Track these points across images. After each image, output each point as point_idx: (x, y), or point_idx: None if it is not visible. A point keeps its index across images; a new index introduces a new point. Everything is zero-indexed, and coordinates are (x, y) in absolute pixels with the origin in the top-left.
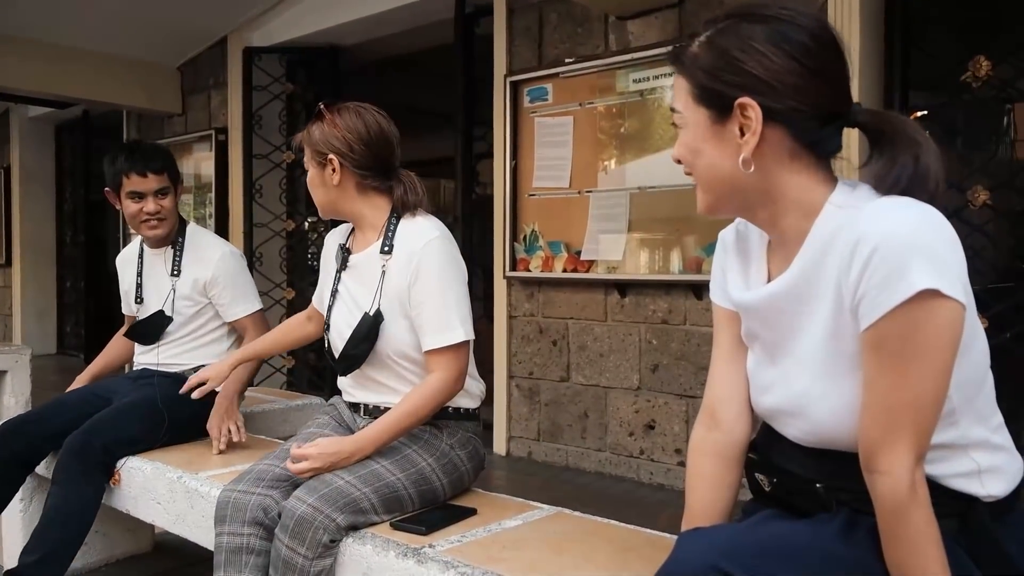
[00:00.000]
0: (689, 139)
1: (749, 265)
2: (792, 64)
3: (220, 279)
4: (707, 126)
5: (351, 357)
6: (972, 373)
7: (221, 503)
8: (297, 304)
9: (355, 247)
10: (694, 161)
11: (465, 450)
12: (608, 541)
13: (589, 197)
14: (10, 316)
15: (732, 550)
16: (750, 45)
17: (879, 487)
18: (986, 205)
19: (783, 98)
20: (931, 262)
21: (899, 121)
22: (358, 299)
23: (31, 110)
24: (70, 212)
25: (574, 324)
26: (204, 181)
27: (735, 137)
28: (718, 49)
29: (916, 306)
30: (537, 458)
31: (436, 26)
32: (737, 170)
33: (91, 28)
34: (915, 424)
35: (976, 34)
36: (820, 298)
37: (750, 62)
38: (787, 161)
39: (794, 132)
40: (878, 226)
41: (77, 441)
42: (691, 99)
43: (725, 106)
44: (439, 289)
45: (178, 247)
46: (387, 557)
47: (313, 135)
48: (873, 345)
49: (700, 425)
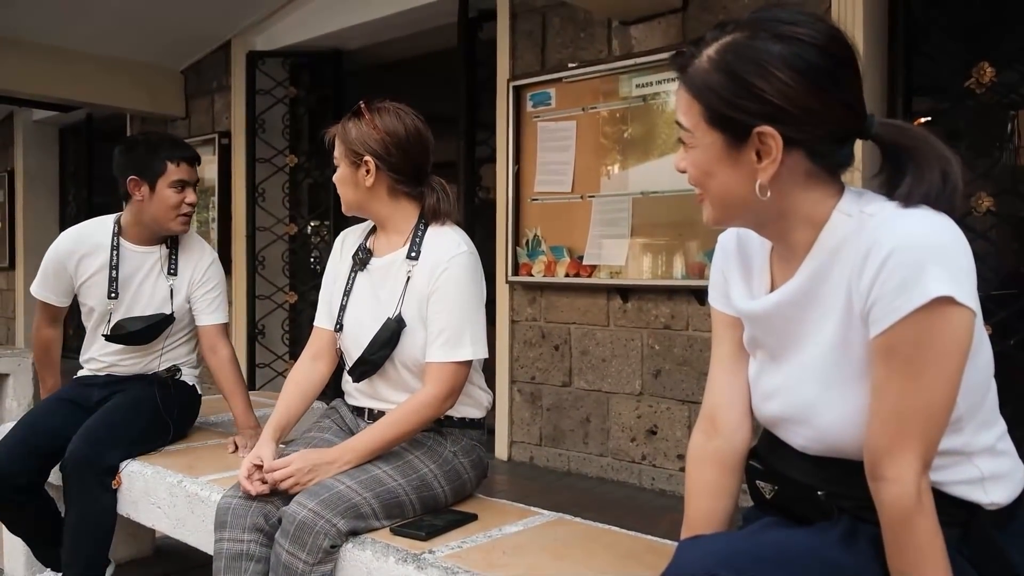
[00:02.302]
0: (701, 161)
1: (752, 273)
2: (812, 89)
3: (210, 282)
4: (722, 149)
5: (369, 363)
6: (978, 380)
7: (221, 509)
8: (299, 308)
9: (377, 249)
10: (705, 181)
11: (469, 458)
12: (608, 547)
13: (592, 202)
14: (13, 319)
15: (731, 558)
16: (767, 70)
17: (885, 495)
18: (989, 211)
19: (803, 125)
20: (946, 269)
21: (920, 135)
22: (377, 303)
23: (35, 113)
24: (73, 215)
25: (576, 329)
26: (207, 185)
27: (751, 162)
28: (732, 72)
29: (930, 313)
30: (539, 463)
31: (439, 30)
32: (752, 193)
33: (95, 31)
34: (924, 431)
35: (980, 39)
36: (827, 305)
37: (769, 89)
38: (802, 180)
39: (811, 155)
40: (893, 232)
41: (79, 454)
42: (703, 121)
43: (743, 133)
44: (457, 305)
45: (173, 247)
46: (387, 563)
47: (350, 133)
48: (884, 351)
49: (699, 432)
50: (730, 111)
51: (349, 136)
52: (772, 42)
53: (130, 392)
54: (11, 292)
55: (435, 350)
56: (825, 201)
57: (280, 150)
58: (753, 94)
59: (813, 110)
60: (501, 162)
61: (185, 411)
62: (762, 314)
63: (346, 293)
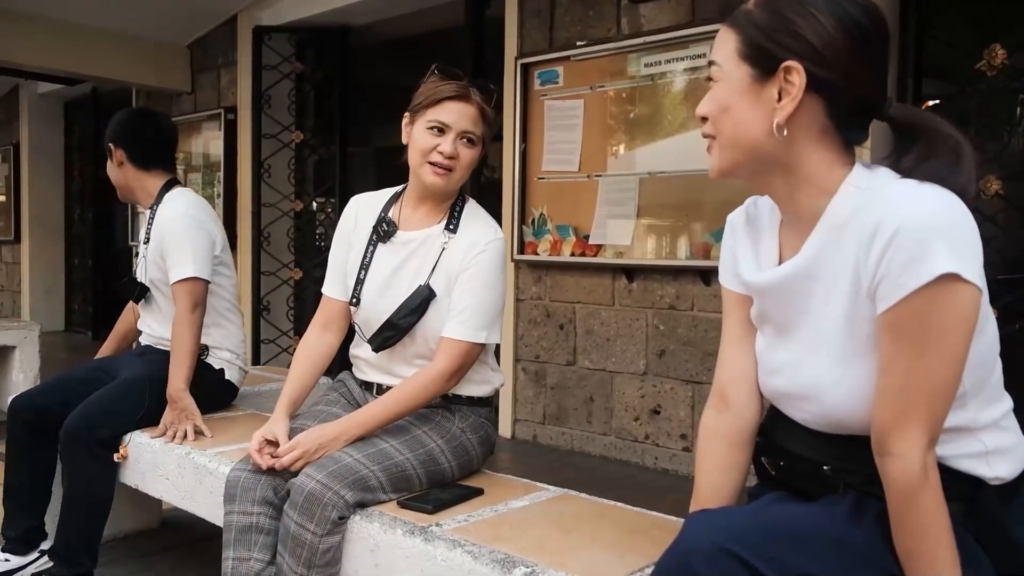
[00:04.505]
0: (723, 94)
1: (760, 245)
2: (846, 38)
3: (165, 239)
4: (746, 83)
5: (396, 327)
6: (984, 357)
7: (231, 482)
8: (304, 284)
9: (403, 222)
10: (721, 117)
11: (477, 435)
12: (615, 522)
13: (598, 181)
14: (19, 293)
15: (739, 532)
16: (808, 11)
17: (891, 470)
18: (998, 195)
19: (831, 70)
20: (952, 246)
21: (935, 122)
22: (399, 277)
23: (40, 87)
24: (78, 189)
25: (581, 308)
26: (213, 160)
27: (772, 100)
28: (776, 10)
29: (936, 289)
30: (542, 441)
31: (446, 7)
32: (764, 134)
33: (101, 5)
34: (929, 407)
35: (992, 22)
36: (835, 279)
37: (807, 27)
38: (816, 135)
39: (830, 108)
40: (900, 209)
41: (73, 423)
42: (735, 54)
43: (770, 67)
44: (484, 288)
45: (153, 212)
46: (395, 535)
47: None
48: (891, 327)
49: (710, 408)
50: (765, 42)
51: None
52: None
53: (138, 367)
54: (16, 265)
55: (454, 326)
56: (834, 169)
57: (286, 126)
58: (791, 30)
59: (843, 62)
60: (508, 140)
61: (202, 394)
62: (768, 287)
63: (364, 267)
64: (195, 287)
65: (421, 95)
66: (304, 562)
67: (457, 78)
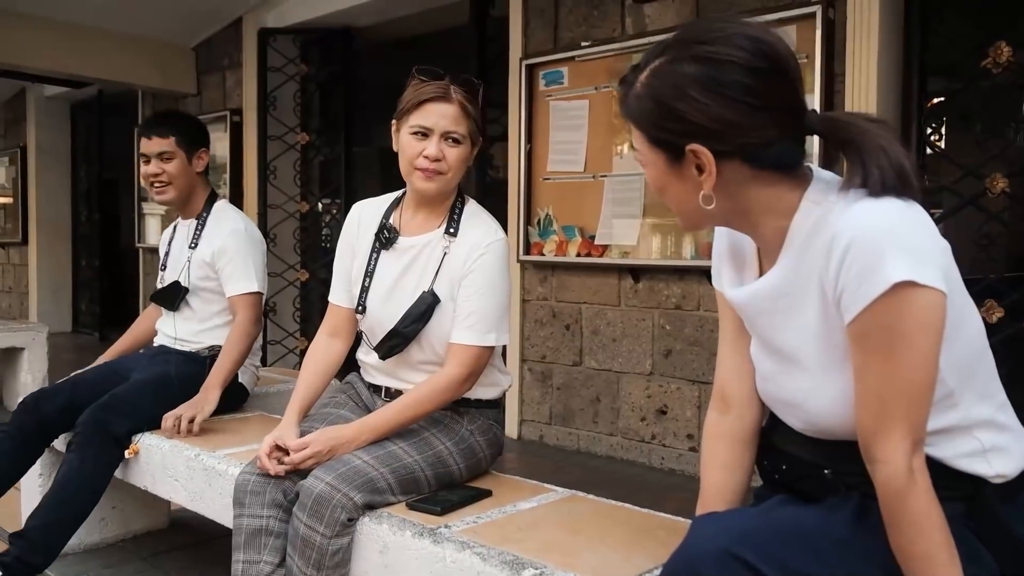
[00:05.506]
0: (654, 178)
1: (744, 262)
2: (732, 105)
3: (227, 251)
4: (666, 167)
5: (400, 335)
6: (965, 354)
7: (240, 485)
8: (310, 285)
9: (404, 228)
10: (663, 194)
11: (485, 437)
12: (623, 523)
13: (604, 181)
14: (26, 294)
15: (745, 535)
16: (685, 92)
17: (878, 476)
18: (1004, 192)
19: (729, 139)
20: (905, 253)
21: (854, 126)
22: (403, 284)
23: (47, 89)
24: (85, 190)
25: (587, 308)
26: (218, 162)
27: (694, 175)
28: (656, 98)
29: (894, 298)
30: (549, 441)
31: (450, 8)
32: (703, 201)
33: (106, 7)
34: (907, 412)
35: (997, 19)
36: (806, 294)
37: (689, 111)
38: (751, 182)
39: (749, 160)
40: (852, 221)
41: (93, 415)
42: (647, 142)
43: (678, 151)
44: (488, 291)
45: (201, 220)
46: (403, 537)
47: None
48: (858, 338)
49: (713, 409)
50: (661, 133)
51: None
52: (689, 64)
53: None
54: (24, 267)
55: (462, 332)
56: (785, 196)
57: (291, 127)
58: (675, 116)
59: (735, 123)
60: (513, 141)
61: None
62: (744, 303)
63: (368, 274)
64: (258, 300)
65: (403, 100)
66: (313, 564)
67: (438, 78)
